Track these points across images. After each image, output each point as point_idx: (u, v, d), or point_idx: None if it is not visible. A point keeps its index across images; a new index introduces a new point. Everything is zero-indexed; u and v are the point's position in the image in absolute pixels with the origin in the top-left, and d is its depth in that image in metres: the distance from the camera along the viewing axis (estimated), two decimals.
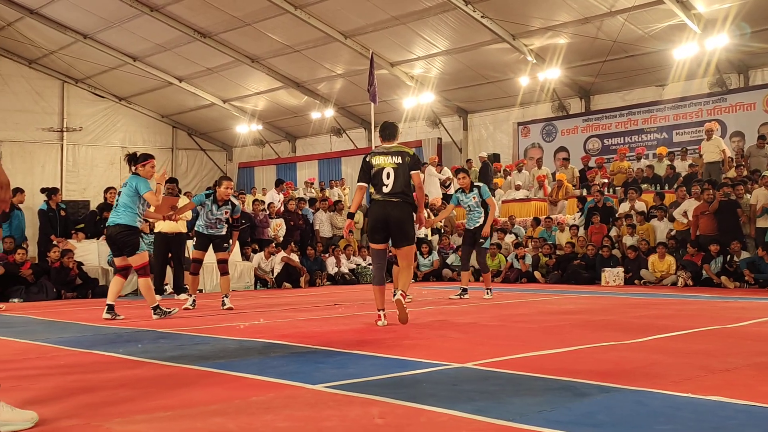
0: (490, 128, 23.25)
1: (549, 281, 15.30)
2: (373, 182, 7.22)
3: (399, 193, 7.09)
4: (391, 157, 7.15)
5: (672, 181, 16.77)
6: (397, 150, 7.24)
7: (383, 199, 7.13)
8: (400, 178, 7.09)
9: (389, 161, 7.14)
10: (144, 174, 8.36)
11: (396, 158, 7.14)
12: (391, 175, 7.10)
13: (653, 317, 7.89)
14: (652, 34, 17.31)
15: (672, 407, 3.45)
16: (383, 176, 7.12)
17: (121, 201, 8.21)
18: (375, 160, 7.21)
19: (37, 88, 24.94)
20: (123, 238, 8.15)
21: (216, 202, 9.61)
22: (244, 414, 3.37)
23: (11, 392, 3.72)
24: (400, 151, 7.21)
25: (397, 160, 7.13)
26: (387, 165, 7.13)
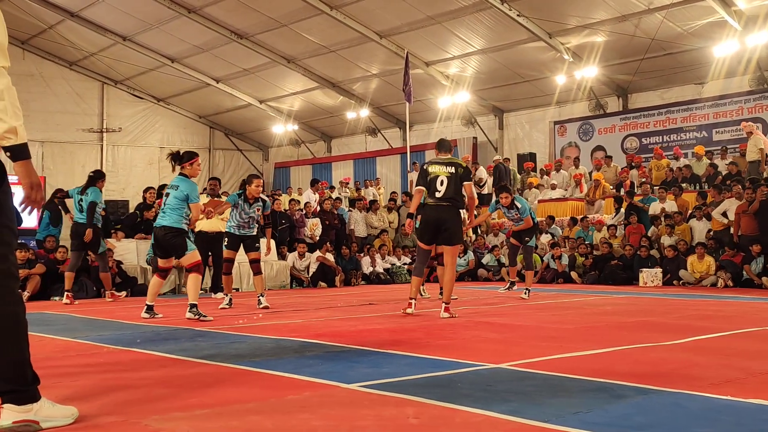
0: (526, 127, 23.12)
1: (586, 282, 15.16)
2: (428, 188, 8.22)
3: (449, 198, 8.08)
4: (445, 167, 8.19)
5: (712, 180, 16.52)
6: (450, 161, 8.30)
7: (435, 204, 8.13)
8: (451, 186, 8.08)
9: (444, 170, 8.16)
10: (191, 173, 8.33)
11: (450, 168, 8.17)
12: (445, 182, 8.09)
13: (692, 318, 7.78)
14: (692, 31, 17.07)
15: (711, 410, 3.40)
16: (437, 183, 8.12)
17: (168, 202, 8.15)
18: (431, 168, 8.27)
19: (77, 89, 25.34)
20: (169, 240, 8.12)
21: (247, 200, 9.73)
22: (280, 412, 3.39)
23: (52, 388, 3.78)
24: (453, 163, 8.29)
25: (451, 170, 8.15)
26: (441, 174, 8.15)
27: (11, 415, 3.01)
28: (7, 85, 2.94)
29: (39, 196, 3.10)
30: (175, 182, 8.25)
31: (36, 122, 23.08)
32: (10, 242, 3.07)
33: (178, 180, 8.23)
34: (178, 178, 8.27)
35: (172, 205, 8.11)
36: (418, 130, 24.59)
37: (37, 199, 3.10)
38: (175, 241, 8.11)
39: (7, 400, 3.03)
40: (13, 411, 3.02)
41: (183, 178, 8.24)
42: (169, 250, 8.25)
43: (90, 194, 11.37)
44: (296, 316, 8.34)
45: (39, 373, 3.15)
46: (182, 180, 8.21)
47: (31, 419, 3.04)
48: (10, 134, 2.94)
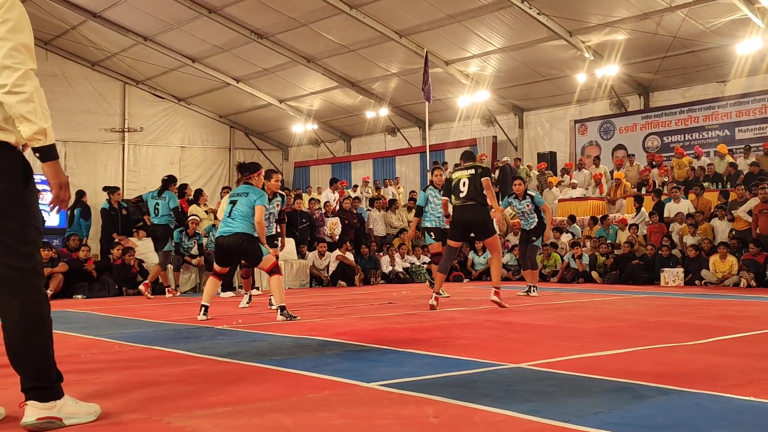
0: (546, 126, 23.01)
1: (606, 281, 15.08)
2: (453, 192, 8.98)
3: (472, 197, 8.74)
4: (465, 171, 8.96)
5: (733, 179, 16.37)
6: (471, 166, 9.02)
7: (461, 204, 8.84)
8: (472, 186, 8.77)
9: (464, 174, 8.92)
10: (257, 184, 8.42)
11: (470, 171, 8.90)
12: (466, 183, 8.81)
13: (714, 318, 7.73)
14: (714, 29, 16.91)
15: (734, 411, 3.38)
16: (459, 186, 8.87)
17: (238, 210, 7.99)
18: (453, 174, 9.10)
19: (99, 89, 25.52)
20: (245, 247, 7.96)
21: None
22: (300, 410, 3.40)
23: (75, 385, 3.82)
24: (473, 166, 9.00)
25: (471, 172, 8.87)
26: (462, 177, 8.91)
27: (35, 412, 3.05)
28: (35, 87, 2.99)
29: (67, 196, 3.15)
30: (243, 190, 8.21)
31: (59, 122, 23.25)
32: (37, 241, 3.12)
33: (247, 188, 8.22)
34: (245, 186, 8.27)
35: (243, 212, 7.97)
36: (437, 129, 24.56)
37: (65, 198, 3.15)
38: (250, 248, 7.97)
39: (31, 396, 3.06)
40: (37, 408, 3.05)
41: (251, 186, 8.28)
42: (243, 257, 8.23)
43: (167, 198, 12.21)
44: (316, 315, 8.36)
45: (62, 370, 3.18)
46: (251, 188, 8.23)
47: (54, 416, 3.08)
48: (40, 135, 2.99)
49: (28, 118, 2.95)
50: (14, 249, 3.02)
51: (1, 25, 2.96)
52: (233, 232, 7.94)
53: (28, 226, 3.06)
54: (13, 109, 2.96)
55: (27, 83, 2.96)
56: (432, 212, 11.26)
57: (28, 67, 2.99)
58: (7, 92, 2.94)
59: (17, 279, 3.03)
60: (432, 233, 11.27)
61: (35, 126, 2.97)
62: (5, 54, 2.95)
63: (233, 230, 7.95)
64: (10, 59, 2.95)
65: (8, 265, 3.01)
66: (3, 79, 2.94)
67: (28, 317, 3.04)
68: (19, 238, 3.03)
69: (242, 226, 7.93)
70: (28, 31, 3.05)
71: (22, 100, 2.95)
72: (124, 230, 14.46)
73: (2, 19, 2.96)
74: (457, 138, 24.32)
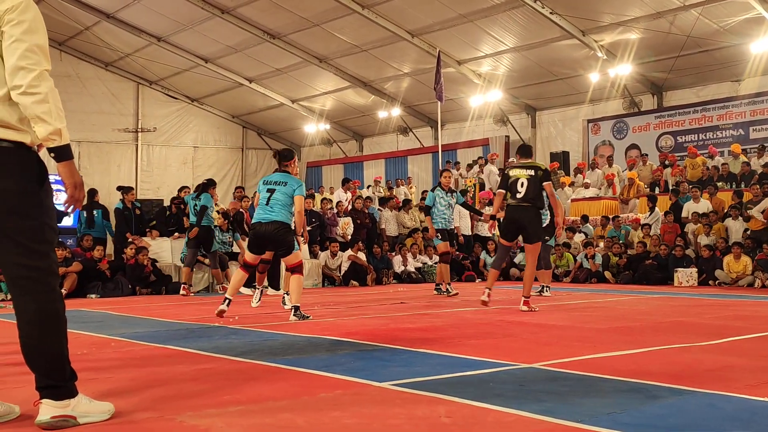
0: (559, 125, 22.95)
1: (620, 281, 15.02)
2: (509, 190, 8.79)
3: (529, 199, 8.62)
4: (525, 170, 8.73)
5: (747, 178, 16.28)
6: (530, 164, 8.85)
7: (516, 204, 8.70)
8: (531, 188, 8.61)
9: (524, 173, 8.70)
10: (293, 171, 8.28)
11: (529, 171, 8.70)
12: (525, 184, 8.63)
13: (728, 319, 7.68)
14: (728, 28, 16.82)
15: (747, 411, 3.36)
16: (518, 185, 8.67)
17: (276, 199, 7.89)
18: (512, 172, 8.86)
19: (113, 90, 25.66)
20: (282, 236, 7.86)
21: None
22: (312, 410, 3.41)
23: (89, 384, 3.84)
24: (533, 166, 8.82)
25: (530, 173, 8.67)
26: (521, 176, 8.69)
27: (49, 411, 3.07)
28: (50, 87, 3.01)
29: (81, 195, 3.17)
30: (280, 178, 8.05)
31: (73, 122, 23.30)
32: (52, 240, 3.14)
33: (284, 176, 8.08)
34: (282, 175, 8.11)
35: (282, 201, 7.89)
36: (449, 128, 24.54)
37: (80, 198, 3.17)
38: (286, 238, 7.90)
39: (46, 395, 3.08)
40: (52, 406, 3.07)
41: (288, 174, 8.12)
42: (276, 246, 8.06)
43: (202, 199, 12.53)
44: (328, 315, 8.37)
45: (76, 369, 3.20)
46: (288, 176, 8.08)
47: (68, 414, 3.09)
48: (55, 136, 3.01)
49: (43, 118, 2.98)
50: (30, 248, 3.04)
51: (16, 27, 2.99)
52: (272, 219, 7.82)
53: (44, 226, 3.09)
54: (28, 109, 2.99)
55: (42, 84, 2.99)
56: (439, 213, 11.33)
57: (43, 68, 3.01)
58: (22, 93, 2.97)
59: (33, 278, 3.05)
60: (439, 234, 11.39)
61: (50, 126, 2.99)
62: (20, 55, 2.97)
63: (272, 218, 7.83)
64: (26, 60, 2.97)
65: (24, 264, 3.04)
66: (18, 80, 2.97)
67: (43, 316, 3.06)
68: (35, 238, 3.05)
69: (280, 215, 7.84)
70: (43, 32, 3.07)
71: (38, 100, 2.97)
72: (137, 230, 14.53)
73: (17, 20, 2.99)
74: (469, 138, 24.31)
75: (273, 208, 7.86)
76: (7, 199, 3.01)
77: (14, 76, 2.98)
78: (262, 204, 7.96)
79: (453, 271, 16.40)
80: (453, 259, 16.32)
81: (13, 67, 2.98)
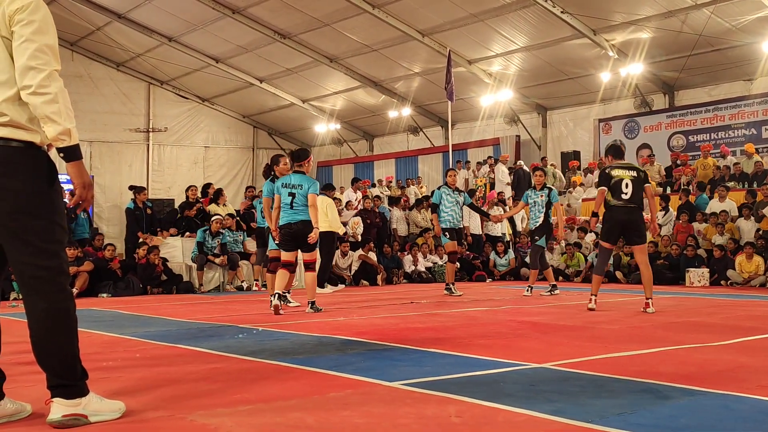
0: (570, 125, 22.89)
1: (631, 281, 14.95)
2: (612, 191, 8.53)
3: (636, 200, 8.48)
4: (627, 171, 8.59)
5: (760, 178, 16.19)
6: (631, 165, 8.80)
7: (623, 205, 8.50)
8: (635, 189, 8.46)
9: (627, 174, 8.54)
10: (307, 170, 8.83)
11: (632, 172, 8.58)
12: (630, 185, 8.46)
13: (740, 318, 7.64)
14: (740, 26, 16.73)
15: (760, 412, 3.34)
16: (622, 186, 8.48)
17: (299, 201, 8.54)
18: (614, 172, 8.60)
19: (124, 90, 25.75)
20: (308, 234, 8.50)
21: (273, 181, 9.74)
22: (322, 409, 3.41)
23: (100, 383, 3.86)
24: (634, 167, 8.76)
25: (633, 174, 8.54)
26: (626, 177, 8.51)
27: (61, 409, 3.08)
28: (60, 88, 3.02)
29: (90, 196, 3.18)
30: (297, 181, 8.61)
31: (84, 122, 23.53)
32: (62, 240, 3.15)
33: (300, 178, 8.63)
34: (298, 177, 8.66)
35: (303, 202, 8.54)
36: (460, 128, 24.52)
37: (88, 198, 3.18)
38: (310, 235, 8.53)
39: (57, 394, 3.09)
40: (63, 405, 3.09)
41: (303, 176, 8.68)
42: (305, 242, 8.57)
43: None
44: (338, 314, 8.37)
45: (87, 367, 3.21)
46: (303, 177, 8.66)
47: (80, 413, 3.11)
48: (64, 136, 3.02)
49: (52, 118, 2.99)
50: (40, 248, 3.05)
51: (26, 27, 3.00)
52: (299, 219, 8.53)
53: (54, 225, 3.10)
54: (38, 109, 3.00)
55: (52, 84, 3.00)
56: (446, 212, 11.27)
57: (52, 68, 3.02)
58: (32, 93, 2.98)
59: (43, 278, 3.06)
60: (446, 233, 11.31)
61: (60, 126, 3.00)
62: (30, 55, 2.98)
63: (298, 218, 8.53)
64: (35, 60, 2.98)
65: (34, 263, 3.05)
66: (28, 80, 2.98)
67: (54, 315, 3.08)
68: (45, 237, 3.07)
69: (305, 214, 8.55)
70: (53, 32, 3.08)
71: (47, 101, 2.98)
72: (148, 229, 14.59)
73: (27, 20, 3.00)
74: (479, 137, 24.28)
75: (297, 210, 8.54)
76: (18, 199, 3.02)
77: (24, 76, 2.99)
78: (285, 206, 8.61)
79: (464, 270, 16.41)
80: (463, 259, 16.33)
81: (23, 67, 2.99)
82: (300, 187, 8.55)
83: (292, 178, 8.68)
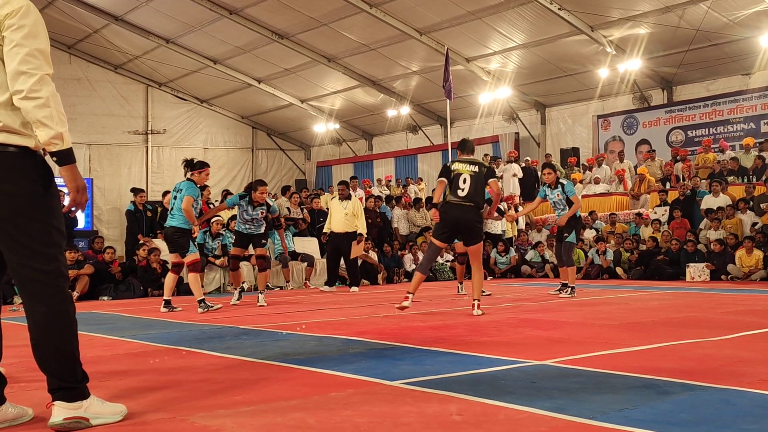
0: (569, 122, 22.88)
1: (631, 277, 14.97)
2: (450, 185, 8.12)
3: (471, 198, 8.00)
4: (469, 166, 8.15)
5: (760, 172, 16.19)
6: (474, 160, 8.33)
7: (457, 203, 8.03)
8: (473, 185, 8.01)
9: (467, 168, 8.11)
10: (198, 180, 9.24)
11: (473, 167, 8.14)
12: (468, 181, 8.02)
13: (740, 314, 7.65)
14: (738, 21, 16.72)
15: (760, 407, 3.34)
16: (460, 181, 8.04)
17: (175, 205, 9.11)
18: (455, 166, 8.21)
19: (122, 92, 25.72)
20: (177, 239, 9.14)
21: (251, 203, 10.08)
22: (323, 409, 3.41)
23: (101, 386, 3.86)
24: (476, 162, 8.32)
25: (474, 169, 8.11)
26: (465, 171, 8.09)
27: (62, 412, 3.09)
28: (52, 92, 3.02)
29: (84, 199, 3.18)
30: (181, 186, 9.22)
31: (82, 125, 23.53)
32: (60, 243, 3.15)
33: (183, 185, 9.18)
34: (183, 183, 9.21)
35: (180, 206, 9.03)
36: (459, 126, 24.50)
37: (83, 201, 3.18)
38: (181, 240, 9.12)
39: (58, 397, 3.10)
40: (64, 408, 3.09)
41: (189, 184, 9.13)
42: (175, 247, 9.21)
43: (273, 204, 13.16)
44: (339, 314, 8.38)
45: (88, 370, 3.22)
46: (186, 185, 9.12)
47: (81, 416, 3.11)
48: (57, 140, 3.03)
49: (44, 122, 2.99)
50: (38, 251, 3.06)
51: (17, 31, 3.00)
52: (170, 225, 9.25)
53: (51, 229, 3.10)
54: (29, 114, 3.00)
55: (43, 88, 3.00)
56: None
57: (44, 72, 3.02)
58: (23, 98, 2.98)
59: (42, 281, 3.07)
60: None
61: (52, 131, 3.00)
62: (21, 60, 2.98)
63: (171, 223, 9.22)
64: (26, 65, 2.98)
65: (32, 267, 3.06)
66: (19, 85, 2.98)
67: (54, 318, 3.08)
68: (43, 241, 3.07)
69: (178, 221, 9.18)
70: (44, 36, 3.08)
71: (39, 105, 2.98)
72: (148, 232, 14.59)
73: (18, 25, 3.00)
74: (479, 135, 24.23)
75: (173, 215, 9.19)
76: (14, 203, 3.02)
77: (15, 80, 2.99)
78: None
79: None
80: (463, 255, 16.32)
81: (14, 72, 2.99)
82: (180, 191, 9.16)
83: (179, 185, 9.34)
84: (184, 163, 9.45)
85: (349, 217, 12.76)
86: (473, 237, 8.09)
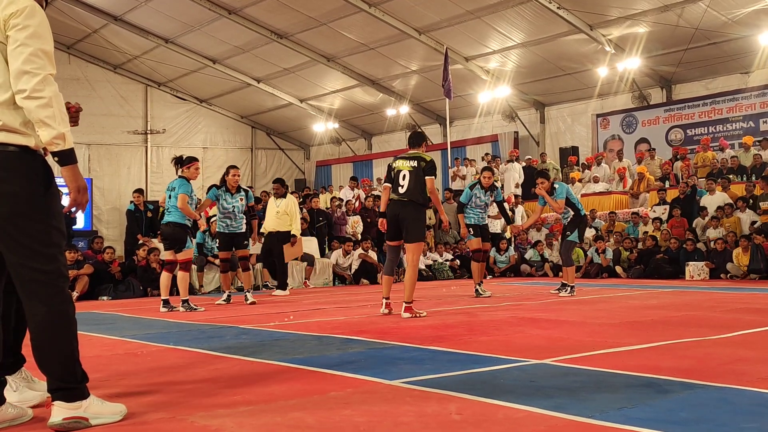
0: (568, 121, 22.88)
1: (631, 276, 14.97)
2: (393, 184, 7.98)
3: (409, 193, 7.79)
4: (408, 161, 7.92)
5: (759, 171, 16.20)
6: (414, 155, 7.97)
7: (397, 199, 7.91)
8: (412, 181, 7.80)
9: (406, 165, 7.90)
10: (189, 175, 9.35)
11: (412, 162, 7.88)
12: (407, 177, 7.84)
13: (740, 312, 7.65)
14: (736, 19, 16.73)
15: (760, 405, 3.34)
16: (400, 178, 7.88)
17: (171, 203, 9.26)
18: (396, 163, 8.06)
19: (122, 92, 25.72)
20: (177, 234, 9.26)
21: (228, 191, 10.20)
22: (323, 408, 3.42)
23: (100, 386, 3.86)
24: (417, 156, 7.94)
25: (413, 164, 7.85)
26: (404, 168, 7.90)
27: (61, 412, 3.09)
28: (54, 92, 3.03)
29: (85, 199, 3.19)
30: (174, 184, 9.36)
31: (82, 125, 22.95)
32: (60, 243, 3.16)
33: (176, 183, 9.32)
34: (176, 181, 9.35)
35: (175, 204, 9.21)
36: (458, 125, 24.52)
37: (83, 201, 3.18)
38: (180, 234, 9.27)
39: (58, 397, 3.10)
40: (64, 408, 3.09)
41: (181, 181, 9.28)
42: (173, 243, 9.34)
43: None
44: (339, 313, 8.38)
45: (87, 370, 3.22)
46: (179, 182, 9.27)
47: (80, 416, 3.11)
48: (59, 140, 3.04)
49: (46, 122, 3.00)
50: (38, 252, 3.06)
51: (21, 31, 3.01)
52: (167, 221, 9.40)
53: (51, 229, 3.10)
54: (32, 113, 3.01)
55: (46, 88, 3.00)
56: (472, 210, 10.94)
57: (47, 72, 3.03)
58: (26, 97, 2.99)
59: (42, 281, 3.07)
60: (471, 229, 10.92)
61: (54, 131, 3.01)
62: (25, 59, 2.99)
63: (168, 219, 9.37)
64: (30, 65, 2.99)
65: (32, 267, 3.06)
66: (22, 84, 2.99)
67: (54, 319, 3.08)
68: (42, 241, 3.07)
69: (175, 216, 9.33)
70: (48, 37, 3.09)
71: (41, 105, 2.99)
72: (148, 231, 14.59)
73: (22, 25, 3.01)
74: (478, 134, 24.28)
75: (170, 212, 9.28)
76: (14, 203, 3.03)
77: (18, 80, 3.00)
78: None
79: (464, 268, 16.39)
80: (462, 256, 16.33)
81: (17, 71, 3.00)
82: (173, 190, 9.29)
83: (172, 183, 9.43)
84: (174, 161, 9.57)
85: (281, 216, 12.35)
86: (411, 233, 7.84)
